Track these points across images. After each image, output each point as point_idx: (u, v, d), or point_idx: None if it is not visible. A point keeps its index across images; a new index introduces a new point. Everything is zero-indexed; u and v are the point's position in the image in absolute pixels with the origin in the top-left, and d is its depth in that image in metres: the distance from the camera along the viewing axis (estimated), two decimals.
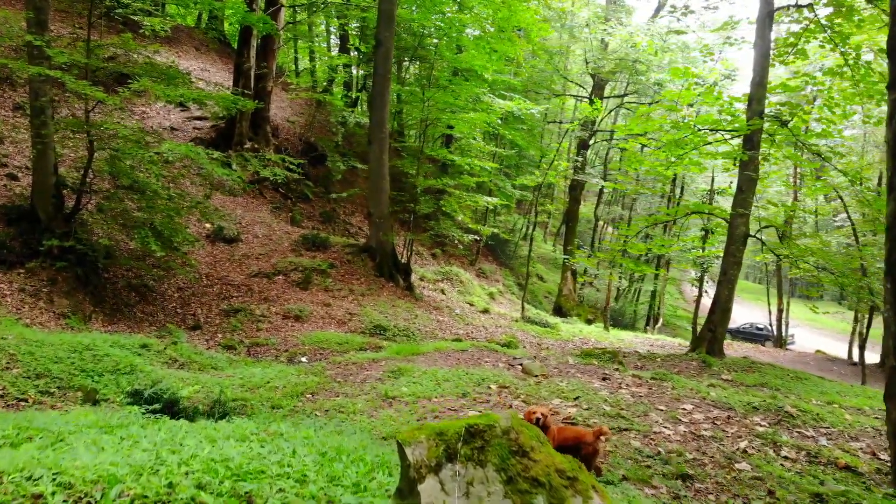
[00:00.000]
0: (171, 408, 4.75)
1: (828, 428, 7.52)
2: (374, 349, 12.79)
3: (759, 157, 14.22)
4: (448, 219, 25.24)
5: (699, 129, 15.69)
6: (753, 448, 6.58)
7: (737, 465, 6.07)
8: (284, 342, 13.14)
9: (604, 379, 9.64)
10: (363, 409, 7.34)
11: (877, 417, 8.88)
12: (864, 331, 18.41)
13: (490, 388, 8.32)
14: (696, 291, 42.53)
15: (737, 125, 15.01)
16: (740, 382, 11.41)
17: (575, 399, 7.84)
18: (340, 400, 7.81)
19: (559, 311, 26.82)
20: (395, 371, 9.28)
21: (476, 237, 24.39)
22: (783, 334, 28.17)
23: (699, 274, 21.60)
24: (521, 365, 10.47)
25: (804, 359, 22.49)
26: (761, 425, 7.37)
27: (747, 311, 44.11)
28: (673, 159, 16.72)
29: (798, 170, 25.71)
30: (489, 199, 23.95)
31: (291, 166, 17.72)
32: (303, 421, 6.38)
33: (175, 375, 8.27)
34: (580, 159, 28.60)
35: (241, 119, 19.85)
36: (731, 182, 31.25)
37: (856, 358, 27.07)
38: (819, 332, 40.53)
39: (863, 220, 15.39)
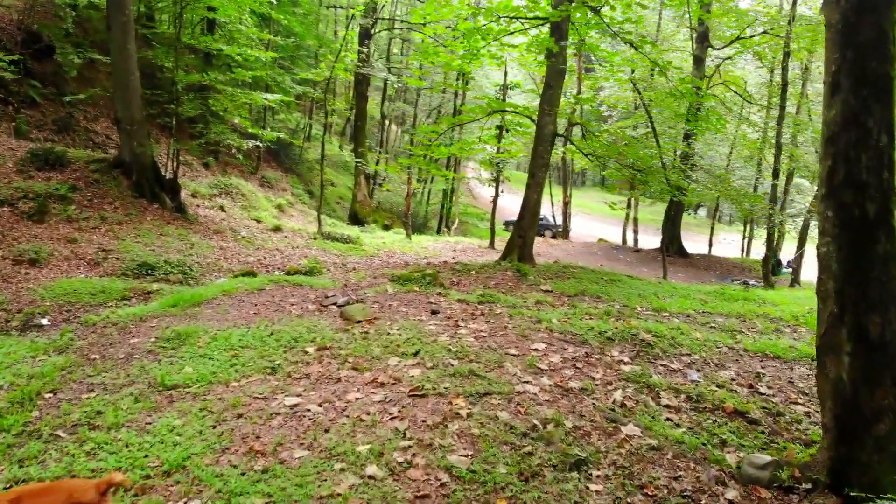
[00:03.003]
0: None
1: (688, 355, 6.87)
2: (142, 298, 10.21)
3: (568, 49, 13.28)
4: (220, 122, 21.87)
5: (500, 17, 14.35)
6: (630, 398, 5.63)
7: (624, 429, 5.05)
8: (16, 298, 10.00)
9: (433, 313, 8.30)
10: (131, 417, 5.18)
11: (713, 327, 8.62)
12: (660, 221, 19.13)
13: (307, 351, 6.51)
14: (481, 189, 43.25)
15: (539, 13, 13.91)
16: (562, 293, 10.82)
17: (415, 354, 6.35)
18: (96, 400, 5.53)
19: (355, 218, 25.21)
20: (174, 337, 7.05)
21: (256, 142, 21.45)
22: (568, 225, 29.35)
23: (495, 174, 21.07)
24: (335, 305, 8.74)
25: (592, 249, 23.48)
26: (624, 362, 6.50)
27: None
28: (462, 53, 15.33)
29: (582, 63, 25.89)
30: (268, 96, 20.90)
31: (2, 62, 13.52)
32: None
33: None
34: (365, 50, 26.24)
35: None
36: (523, 77, 31.04)
37: (630, 243, 29.24)
38: (589, 217, 43.67)
39: (666, 115, 15.39)
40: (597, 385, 5.86)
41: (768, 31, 18.36)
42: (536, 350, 6.67)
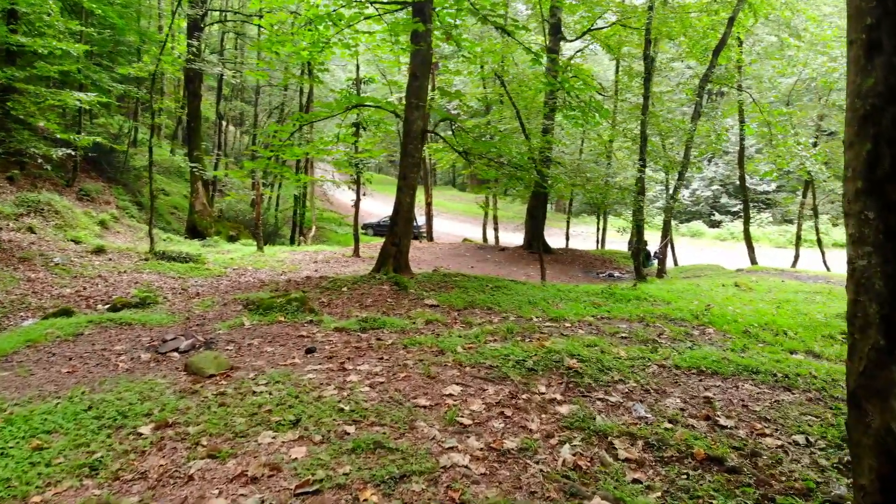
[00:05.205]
0: None
1: (623, 381, 5.84)
2: None
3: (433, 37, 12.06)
4: (23, 127, 18.50)
5: (353, 1, 12.93)
6: (582, 454, 4.44)
7: None
8: None
9: (309, 351, 6.72)
10: None
11: (624, 337, 7.74)
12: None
13: (141, 433, 4.71)
14: (336, 191, 41.23)
15: None
16: (450, 307, 9.64)
17: (294, 423, 4.77)
18: None
19: (194, 231, 22.53)
20: None
21: (70, 150, 18.30)
22: (431, 226, 28.41)
23: (355, 176, 19.42)
24: (177, 352, 6.88)
25: (459, 250, 22.58)
26: (557, 401, 5.33)
27: (381, 202, 44.82)
28: (309, 42, 13.77)
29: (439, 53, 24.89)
30: (81, 95, 17.82)
31: None
32: None
33: None
34: (195, 44, 23.55)
35: None
36: (374, 72, 29.59)
37: (491, 240, 28.81)
38: (446, 216, 43.20)
39: (521, 107, 14.65)
40: (537, 440, 4.62)
41: (620, 21, 18.40)
42: (452, 396, 5.33)
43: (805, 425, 5.04)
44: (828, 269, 23.11)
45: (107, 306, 10.18)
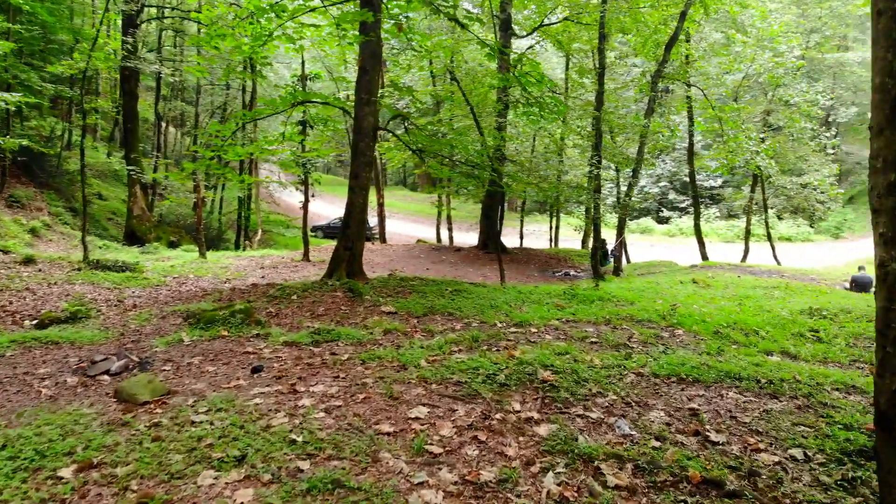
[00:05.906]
0: None
1: (602, 395, 5.40)
2: None
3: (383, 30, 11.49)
4: None
5: None
6: (567, 484, 3.98)
7: None
8: None
9: (255, 371, 6.10)
10: None
11: (594, 342, 7.35)
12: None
13: (61, 476, 4.03)
14: (282, 193, 40.04)
15: None
16: (408, 314, 9.13)
17: (239, 460, 4.16)
18: None
19: (133, 237, 21.40)
20: None
21: None
22: (384, 227, 27.77)
23: (303, 176, 18.59)
24: (107, 374, 6.17)
25: (413, 251, 22.03)
26: (535, 420, 4.87)
27: (330, 204, 43.92)
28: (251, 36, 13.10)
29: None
30: (6, 96, 16.57)
31: None
32: None
33: None
34: (130, 41, 22.36)
35: None
36: (320, 68, 28.77)
37: (445, 241, 28.35)
38: (397, 216, 42.57)
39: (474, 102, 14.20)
40: (517, 469, 4.13)
41: (571, 17, 18.18)
42: (418, 419, 4.79)
43: (799, 437, 4.69)
44: (778, 262, 23.43)
45: (34, 322, 9.30)
